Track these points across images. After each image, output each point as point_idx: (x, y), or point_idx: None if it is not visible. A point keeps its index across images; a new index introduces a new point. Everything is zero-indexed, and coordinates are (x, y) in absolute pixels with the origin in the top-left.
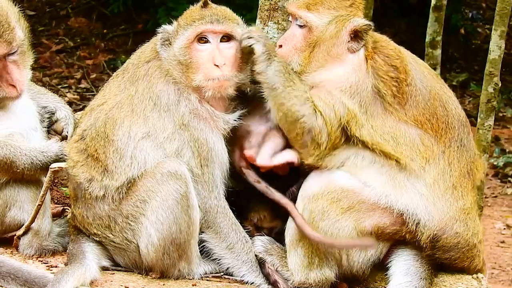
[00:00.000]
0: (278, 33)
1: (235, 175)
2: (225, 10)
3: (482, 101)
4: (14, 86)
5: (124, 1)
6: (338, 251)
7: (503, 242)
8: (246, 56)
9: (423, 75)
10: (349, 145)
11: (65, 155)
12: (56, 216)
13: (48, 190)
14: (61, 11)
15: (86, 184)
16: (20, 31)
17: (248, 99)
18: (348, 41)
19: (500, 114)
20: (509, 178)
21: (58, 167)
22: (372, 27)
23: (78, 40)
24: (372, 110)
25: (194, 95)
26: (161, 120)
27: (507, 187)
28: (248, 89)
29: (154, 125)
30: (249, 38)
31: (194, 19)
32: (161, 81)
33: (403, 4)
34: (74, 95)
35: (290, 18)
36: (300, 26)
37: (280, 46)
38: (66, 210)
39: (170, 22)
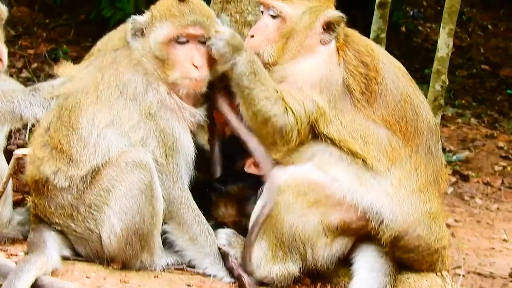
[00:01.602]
0: (231, 25)
1: (199, 167)
2: (203, 7)
3: (430, 99)
4: (1, 60)
5: None
6: (302, 245)
7: None
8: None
9: (396, 77)
10: (317, 141)
11: None
12: (16, 204)
13: (11, 178)
14: (3, 0)
15: (52, 177)
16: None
17: None
18: (321, 33)
19: (441, 113)
20: (449, 177)
21: (22, 154)
22: (345, 19)
23: (20, 29)
24: (341, 105)
25: (164, 86)
26: (127, 109)
27: (447, 186)
28: None
29: (119, 113)
30: (216, 40)
31: (173, 16)
32: (128, 70)
33: (345, 1)
34: None
35: (261, 8)
36: (273, 17)
37: (252, 36)
38: (26, 198)
39: (114, 14)
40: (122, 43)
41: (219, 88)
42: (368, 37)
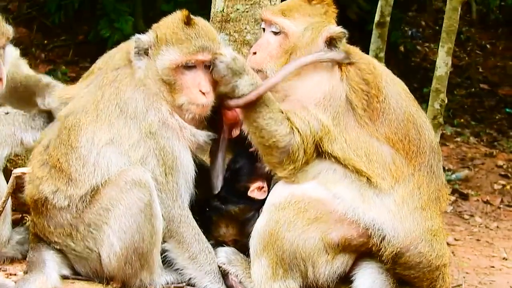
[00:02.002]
0: (230, 44)
1: (199, 185)
2: (208, 30)
3: (429, 118)
4: (1, 79)
5: (65, 12)
6: (303, 262)
7: None
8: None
9: (399, 96)
10: (322, 159)
11: None
12: (15, 223)
13: (10, 197)
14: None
15: (51, 196)
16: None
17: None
18: (323, 48)
19: (440, 132)
20: (449, 196)
21: (21, 173)
22: (346, 35)
23: (19, 50)
24: (346, 121)
25: (167, 106)
26: (127, 127)
27: (447, 205)
28: None
29: (119, 132)
30: (217, 62)
31: (180, 41)
32: (130, 88)
33: (343, 20)
34: None
35: (262, 25)
36: (275, 33)
37: (254, 53)
38: (25, 217)
39: (112, 34)
40: (123, 62)
41: None
42: None
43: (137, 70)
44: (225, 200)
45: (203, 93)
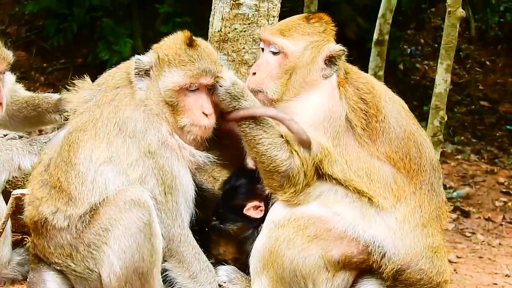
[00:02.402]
0: (228, 64)
1: (199, 204)
2: (210, 52)
3: (428, 135)
4: (1, 103)
5: (64, 35)
6: (303, 280)
7: None
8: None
9: (399, 114)
10: (322, 181)
11: None
12: (15, 244)
13: (9, 218)
14: None
15: (51, 217)
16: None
17: None
18: (323, 67)
19: (440, 149)
20: (450, 214)
21: (20, 194)
22: (346, 53)
23: (18, 74)
24: (345, 142)
25: (167, 126)
26: (125, 146)
27: (447, 222)
28: None
29: (118, 151)
30: (217, 85)
31: (183, 63)
32: (129, 108)
33: (341, 39)
34: None
35: (261, 45)
36: (274, 53)
37: (254, 73)
38: (25, 238)
39: (111, 56)
40: (123, 82)
41: None
42: None
43: (138, 90)
44: (222, 218)
45: (206, 115)
